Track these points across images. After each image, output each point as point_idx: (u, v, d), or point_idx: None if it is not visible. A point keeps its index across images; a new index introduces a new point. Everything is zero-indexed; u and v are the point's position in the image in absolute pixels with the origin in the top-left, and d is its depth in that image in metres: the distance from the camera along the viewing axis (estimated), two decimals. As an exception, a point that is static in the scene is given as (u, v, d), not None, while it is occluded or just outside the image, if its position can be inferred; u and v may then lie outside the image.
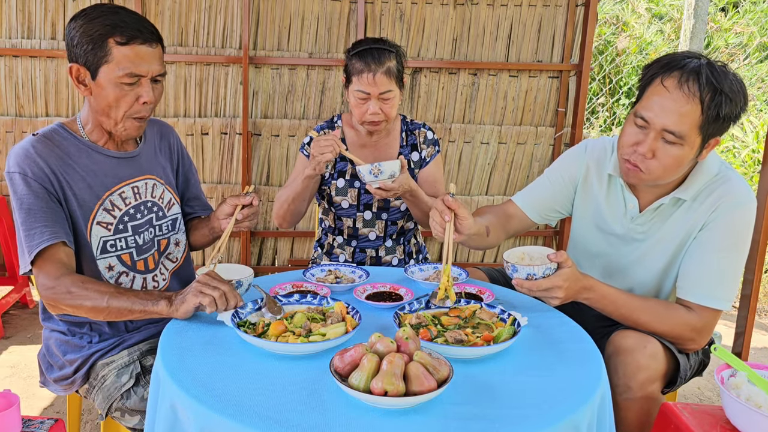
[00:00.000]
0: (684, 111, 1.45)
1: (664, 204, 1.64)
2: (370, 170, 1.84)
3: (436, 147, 2.19)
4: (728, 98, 1.44)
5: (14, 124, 3.28)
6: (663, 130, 1.48)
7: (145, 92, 1.50)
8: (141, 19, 1.50)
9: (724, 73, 1.46)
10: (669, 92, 1.46)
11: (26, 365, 2.74)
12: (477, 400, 1.11)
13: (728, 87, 1.44)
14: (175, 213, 1.74)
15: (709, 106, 1.44)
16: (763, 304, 3.96)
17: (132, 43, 1.46)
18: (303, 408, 1.06)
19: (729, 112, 1.45)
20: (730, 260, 1.57)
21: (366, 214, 2.17)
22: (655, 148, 1.50)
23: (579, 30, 3.47)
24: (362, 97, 2.00)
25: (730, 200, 1.56)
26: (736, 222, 1.56)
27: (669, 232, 1.65)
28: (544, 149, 3.62)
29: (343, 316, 1.37)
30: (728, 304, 1.56)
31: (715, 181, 1.59)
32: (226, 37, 3.36)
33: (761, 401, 1.27)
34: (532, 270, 1.45)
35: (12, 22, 3.22)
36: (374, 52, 1.98)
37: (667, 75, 1.48)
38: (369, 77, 1.96)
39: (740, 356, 2.75)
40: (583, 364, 1.29)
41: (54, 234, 1.44)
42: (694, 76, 1.44)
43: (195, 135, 3.39)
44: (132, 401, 1.47)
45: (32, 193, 1.46)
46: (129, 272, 1.61)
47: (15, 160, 1.48)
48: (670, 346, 1.55)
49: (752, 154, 5.37)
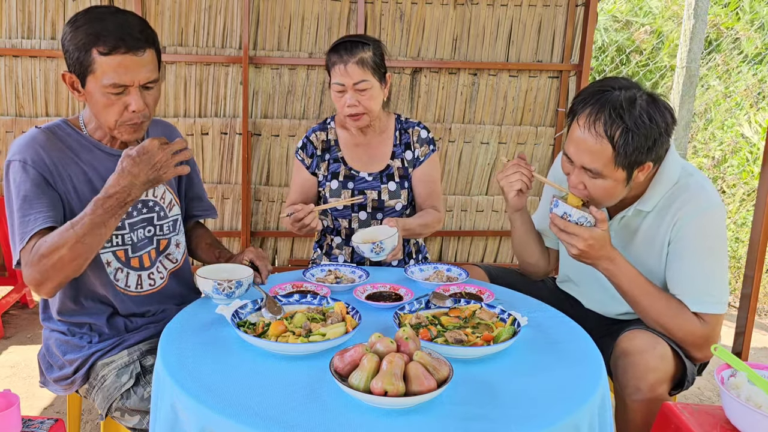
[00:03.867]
0: (595, 150, 1.49)
1: (627, 216, 1.68)
2: (371, 249, 1.80)
3: (431, 146, 2.18)
4: (635, 133, 1.45)
5: (14, 124, 3.28)
6: (582, 167, 1.54)
7: (134, 101, 1.47)
8: (127, 26, 1.44)
9: (632, 105, 1.46)
10: (581, 131, 1.51)
11: (26, 365, 2.75)
12: (477, 400, 1.11)
13: (633, 122, 1.45)
14: (175, 214, 1.74)
15: (619, 143, 1.46)
16: (763, 304, 3.96)
17: (114, 54, 1.43)
18: (303, 408, 1.06)
19: (640, 144, 1.47)
20: (709, 265, 1.57)
21: (361, 214, 2.17)
22: (583, 180, 1.56)
23: (579, 30, 3.47)
24: (339, 90, 2.02)
25: (689, 210, 1.57)
26: (702, 228, 1.57)
27: (641, 244, 1.67)
28: (544, 149, 3.61)
29: (343, 316, 1.37)
30: (723, 307, 1.57)
31: (674, 191, 1.60)
32: (226, 37, 3.36)
33: (761, 401, 1.27)
34: (570, 210, 1.52)
35: (12, 22, 3.22)
36: (347, 44, 2.01)
37: (580, 113, 1.52)
38: (341, 68, 1.99)
39: (740, 356, 2.75)
40: (583, 364, 1.29)
41: (49, 218, 1.43)
42: (600, 115, 1.47)
43: (195, 135, 3.39)
44: (132, 401, 1.47)
45: (29, 180, 1.45)
46: (123, 268, 1.60)
47: (16, 149, 1.48)
48: (677, 348, 1.55)
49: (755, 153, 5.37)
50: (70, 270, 1.41)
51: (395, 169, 2.17)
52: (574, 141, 1.54)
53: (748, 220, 4.84)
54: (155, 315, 1.67)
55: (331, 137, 2.19)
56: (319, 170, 2.18)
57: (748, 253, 2.69)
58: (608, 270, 1.57)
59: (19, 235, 1.42)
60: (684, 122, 5.32)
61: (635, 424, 1.51)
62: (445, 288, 1.67)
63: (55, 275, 1.40)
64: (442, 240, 3.69)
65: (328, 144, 2.19)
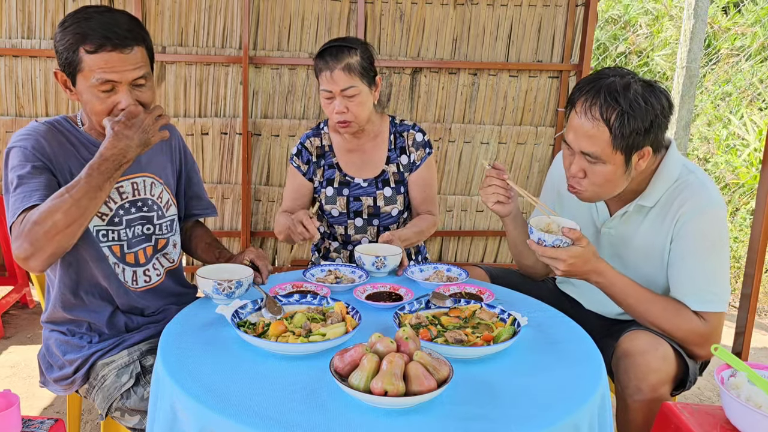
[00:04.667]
0: (592, 134, 1.51)
1: (628, 211, 1.68)
2: (373, 263, 1.78)
3: (426, 149, 2.15)
4: (630, 115, 1.47)
5: (14, 124, 3.28)
6: (581, 152, 1.55)
7: (123, 98, 1.48)
8: (113, 24, 1.44)
9: (626, 89, 1.49)
10: (579, 117, 1.53)
11: (26, 365, 2.75)
12: (477, 400, 1.11)
13: (628, 105, 1.47)
14: (172, 214, 1.74)
15: (615, 126, 1.48)
16: (763, 304, 3.96)
17: (101, 51, 1.44)
18: (303, 408, 1.06)
19: (636, 126, 1.48)
20: (710, 263, 1.58)
21: (357, 221, 2.16)
22: (583, 167, 1.57)
23: (579, 30, 3.47)
24: (327, 96, 1.99)
25: (691, 208, 1.58)
26: (703, 227, 1.57)
27: (643, 240, 1.68)
28: (544, 149, 3.61)
29: (343, 316, 1.37)
30: (724, 305, 1.57)
31: (675, 188, 1.61)
32: (226, 37, 3.36)
33: (761, 401, 1.27)
34: (543, 236, 1.52)
35: (12, 22, 3.22)
36: (333, 49, 1.97)
37: (577, 99, 1.55)
38: (327, 75, 1.96)
39: (740, 356, 2.75)
40: (583, 364, 1.29)
41: (45, 196, 1.42)
42: (595, 100, 1.50)
43: (195, 135, 3.39)
44: (132, 401, 1.47)
45: (29, 163, 1.46)
46: (119, 264, 1.61)
47: (17, 137, 1.49)
48: (679, 349, 1.55)
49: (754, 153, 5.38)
50: (63, 238, 1.37)
51: (390, 174, 2.15)
52: (572, 128, 1.56)
53: (748, 220, 4.84)
54: (155, 314, 1.67)
55: (325, 143, 2.17)
56: (316, 176, 2.16)
57: (748, 253, 2.69)
58: (598, 283, 1.58)
59: (12, 211, 1.41)
60: (684, 122, 5.32)
61: (636, 424, 1.51)
62: (445, 288, 1.67)
63: (48, 244, 1.37)
64: (442, 240, 3.69)
65: (322, 150, 2.17)
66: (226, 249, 1.83)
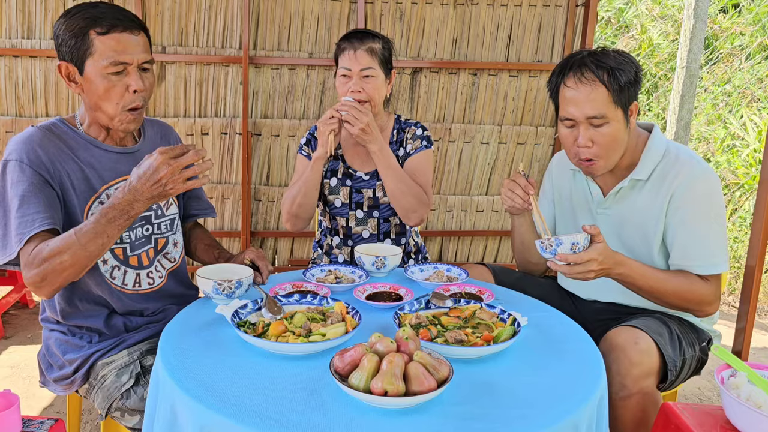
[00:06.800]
0: (593, 96, 1.61)
1: (623, 187, 1.75)
2: (373, 263, 1.80)
3: (423, 141, 2.17)
4: (620, 70, 1.61)
5: (14, 124, 3.28)
6: (587, 118, 1.63)
7: (134, 81, 1.50)
8: (120, 9, 1.51)
9: (605, 53, 1.65)
10: (574, 89, 1.64)
11: (26, 365, 2.75)
12: (477, 400, 1.11)
13: (614, 62, 1.62)
14: (172, 213, 1.74)
15: (610, 82, 1.61)
16: (763, 304, 3.96)
17: (112, 32, 1.47)
18: (303, 408, 1.06)
19: (628, 79, 1.62)
20: (710, 228, 1.66)
21: (358, 212, 2.18)
22: (590, 136, 1.64)
23: (579, 30, 3.47)
24: (344, 74, 2.06)
25: (685, 178, 1.66)
26: (699, 194, 1.66)
27: (640, 216, 1.74)
28: (544, 149, 3.61)
29: (343, 316, 1.37)
30: (726, 265, 1.67)
31: (666, 162, 1.71)
32: (226, 37, 3.36)
33: (761, 401, 1.27)
34: (558, 246, 1.47)
35: (12, 22, 3.22)
36: (359, 33, 2.08)
37: (565, 78, 1.66)
38: (350, 53, 2.04)
39: (740, 356, 2.75)
40: (583, 364, 1.29)
41: (48, 219, 1.43)
42: (585, 67, 1.63)
43: (195, 135, 3.39)
44: (132, 401, 1.47)
45: (27, 180, 1.45)
46: (121, 266, 1.60)
47: (13, 147, 1.48)
48: (658, 340, 1.56)
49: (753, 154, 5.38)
50: (69, 274, 1.42)
51: None
52: (570, 101, 1.64)
53: (748, 220, 4.84)
54: (155, 314, 1.67)
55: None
56: (324, 166, 2.19)
57: (748, 252, 2.69)
58: (622, 274, 1.56)
59: (17, 235, 1.42)
60: (684, 122, 5.31)
61: (624, 420, 1.52)
62: (445, 288, 1.67)
63: (55, 279, 1.41)
64: (442, 240, 3.69)
65: None
66: (225, 250, 1.83)
